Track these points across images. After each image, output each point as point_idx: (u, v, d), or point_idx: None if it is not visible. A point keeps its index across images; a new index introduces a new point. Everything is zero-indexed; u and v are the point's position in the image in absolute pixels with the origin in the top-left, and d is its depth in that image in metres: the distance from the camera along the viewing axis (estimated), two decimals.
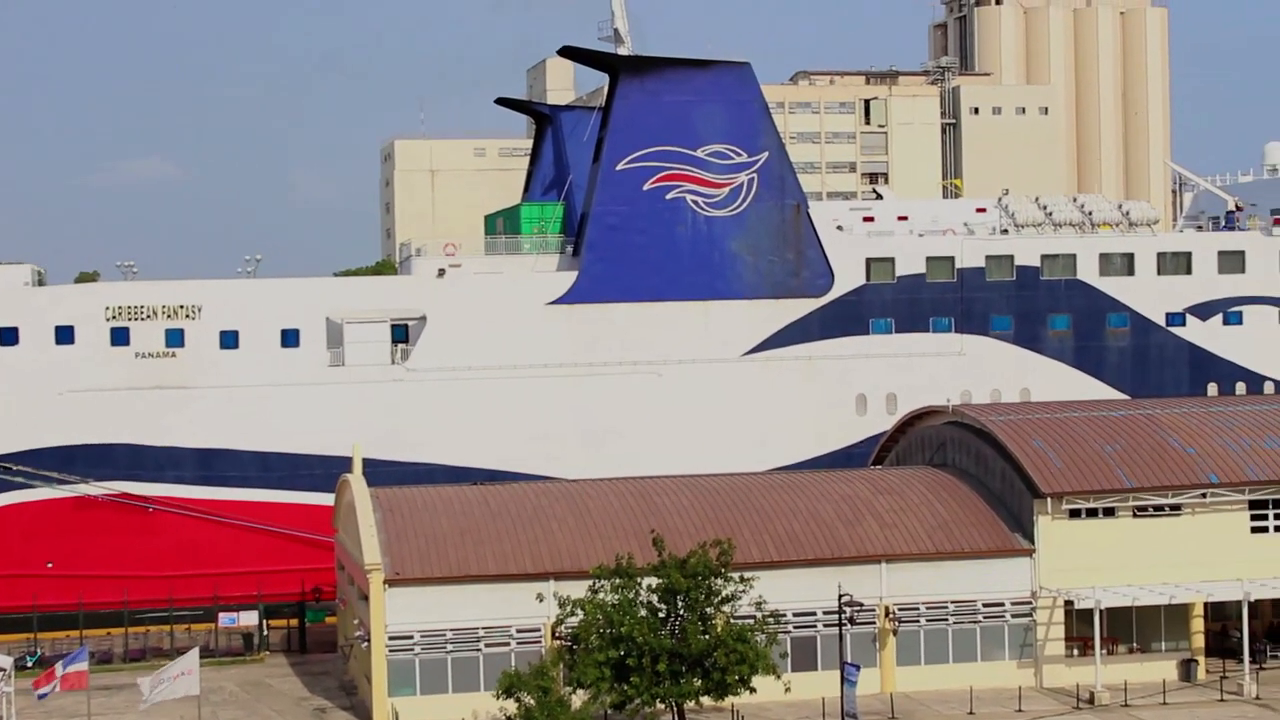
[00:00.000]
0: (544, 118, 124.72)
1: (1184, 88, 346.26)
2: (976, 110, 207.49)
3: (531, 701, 64.49)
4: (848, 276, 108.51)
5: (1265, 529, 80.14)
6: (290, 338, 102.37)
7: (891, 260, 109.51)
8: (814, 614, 75.80)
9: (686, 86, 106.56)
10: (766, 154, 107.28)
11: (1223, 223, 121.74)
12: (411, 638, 73.66)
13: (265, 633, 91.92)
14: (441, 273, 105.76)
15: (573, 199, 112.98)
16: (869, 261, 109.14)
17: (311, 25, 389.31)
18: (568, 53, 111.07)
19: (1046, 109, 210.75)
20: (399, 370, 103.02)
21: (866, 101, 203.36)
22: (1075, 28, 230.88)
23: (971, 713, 72.92)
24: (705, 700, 67.99)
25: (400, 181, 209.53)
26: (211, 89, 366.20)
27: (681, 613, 67.58)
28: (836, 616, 72.05)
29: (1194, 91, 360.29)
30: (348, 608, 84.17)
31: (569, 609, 68.29)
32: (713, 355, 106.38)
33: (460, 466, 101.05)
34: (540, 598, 72.27)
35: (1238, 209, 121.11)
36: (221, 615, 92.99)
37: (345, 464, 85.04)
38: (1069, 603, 77.56)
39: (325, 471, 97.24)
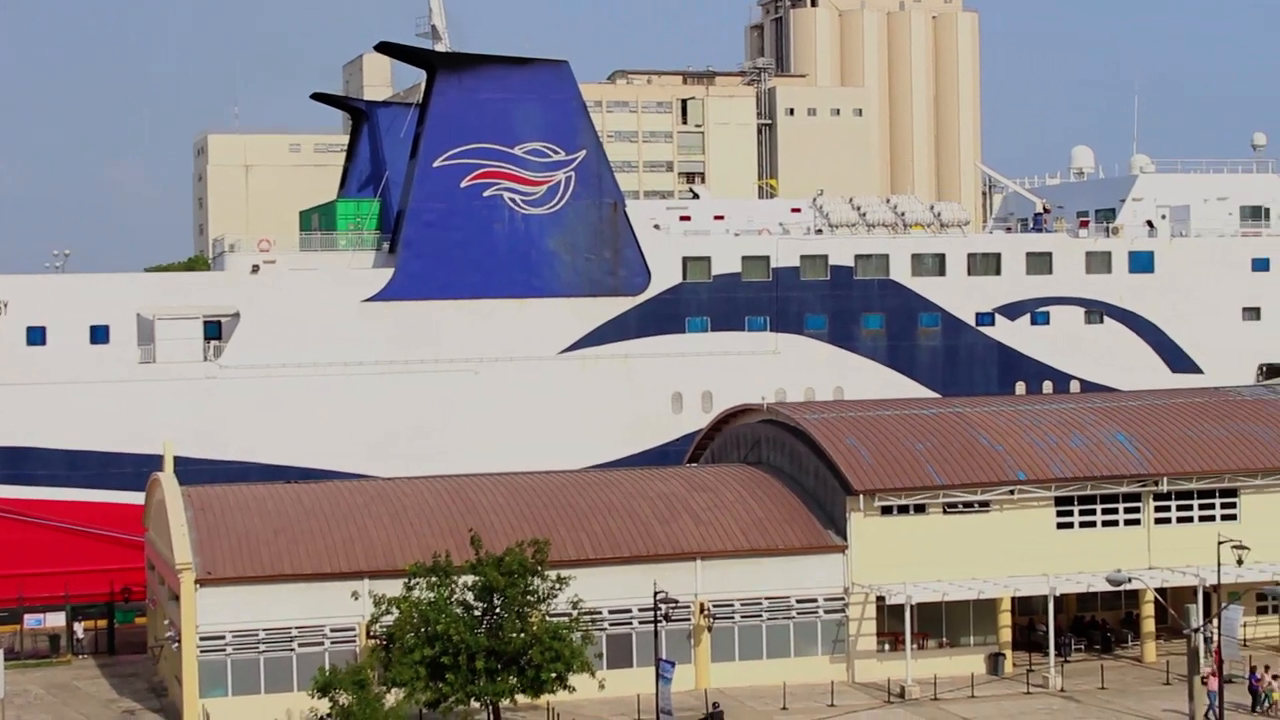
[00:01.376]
0: (360, 114, 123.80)
1: (994, 91, 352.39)
2: (792, 111, 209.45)
3: (346, 700, 64.04)
4: (664, 275, 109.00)
5: (1070, 525, 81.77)
6: (100, 334, 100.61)
7: (708, 259, 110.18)
8: (630, 611, 76.03)
9: (504, 84, 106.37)
10: (584, 152, 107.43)
11: (1031, 224, 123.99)
12: (223, 638, 72.75)
13: (79, 635, 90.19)
14: (255, 269, 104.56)
15: (389, 196, 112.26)
16: (685, 260, 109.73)
17: (124, 16, 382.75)
18: (385, 49, 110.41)
19: (860, 111, 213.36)
20: (211, 367, 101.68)
21: (684, 101, 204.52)
22: (888, 31, 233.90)
23: (785, 708, 73.59)
24: (521, 698, 67.93)
25: (213, 176, 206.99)
26: (21, 79, 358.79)
27: (498, 611, 67.49)
28: (652, 614, 72.32)
29: (1004, 95, 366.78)
30: (158, 608, 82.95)
31: (384, 607, 67.90)
32: (529, 353, 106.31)
33: (275, 465, 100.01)
34: (355, 596, 71.78)
35: (1045, 211, 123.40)
36: (27, 617, 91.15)
37: (156, 462, 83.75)
38: (880, 598, 78.54)
39: (136, 470, 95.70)
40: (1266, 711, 71.41)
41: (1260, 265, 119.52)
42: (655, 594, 71.71)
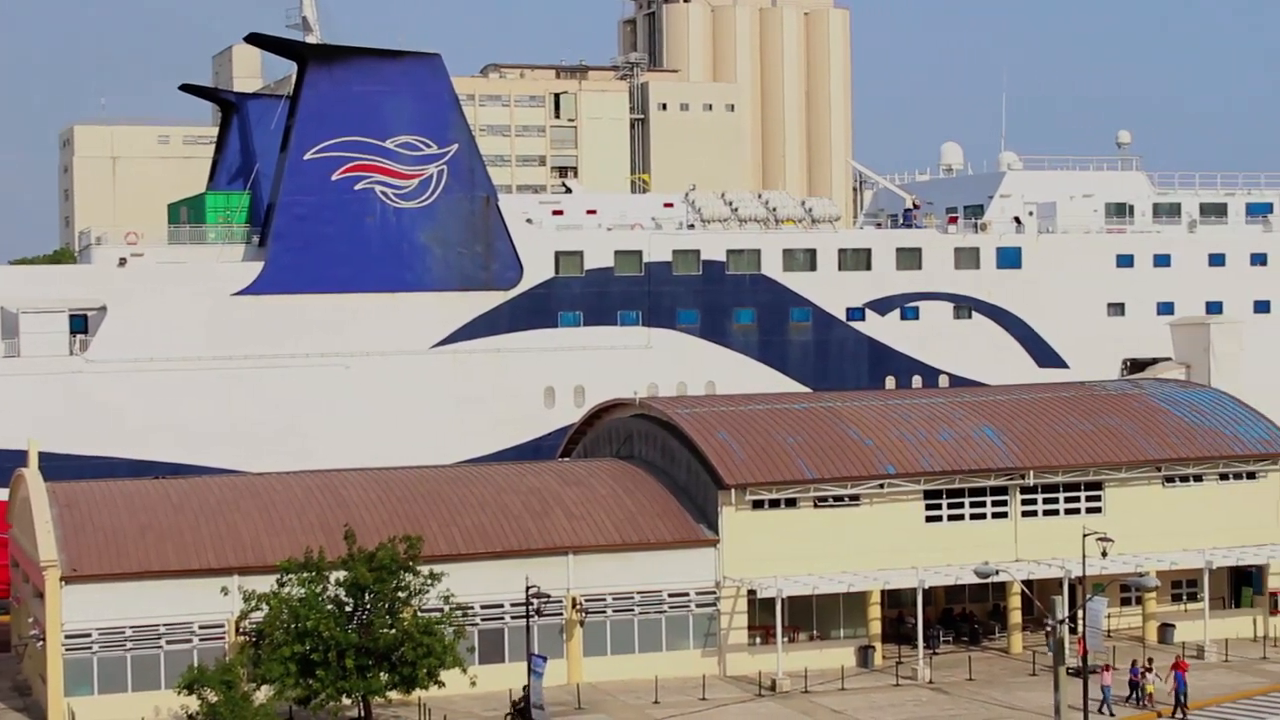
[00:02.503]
0: (230, 105, 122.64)
1: (865, 88, 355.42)
2: (665, 106, 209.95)
3: (215, 698, 63.46)
4: (536, 269, 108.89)
5: (939, 518, 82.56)
6: None
7: (580, 254, 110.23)
8: (502, 606, 75.89)
9: (376, 77, 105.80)
10: (456, 146, 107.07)
11: (901, 220, 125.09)
12: (89, 636, 71.79)
13: None
14: (123, 262, 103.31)
15: (259, 188, 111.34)
16: (558, 255, 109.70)
17: None
18: (254, 40, 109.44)
19: (733, 106, 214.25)
20: (78, 361, 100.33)
21: (556, 96, 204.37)
22: (761, 27, 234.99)
23: (656, 702, 73.75)
24: (393, 694, 67.66)
25: (80, 168, 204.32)
26: None
27: (369, 607, 67.16)
28: (524, 608, 72.26)
29: (874, 92, 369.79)
30: (22, 606, 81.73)
31: (253, 604, 67.36)
32: (401, 348, 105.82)
33: (143, 460, 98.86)
34: (224, 593, 71.12)
35: (915, 207, 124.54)
36: None
37: (21, 458, 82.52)
38: (752, 592, 78.90)
39: None
40: (1141, 704, 72.37)
41: (1124, 262, 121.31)
42: (527, 589, 71.66)
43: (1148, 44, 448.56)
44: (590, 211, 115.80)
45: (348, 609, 66.99)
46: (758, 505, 79.97)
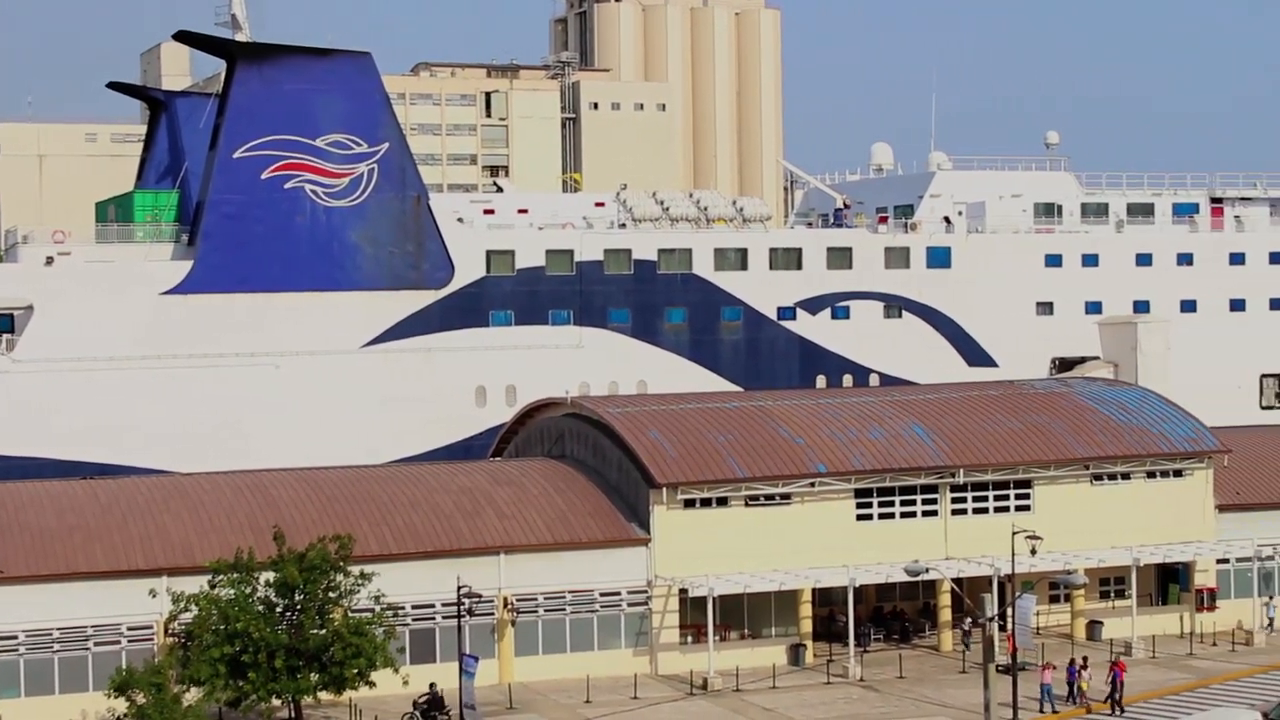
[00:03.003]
0: (159, 103, 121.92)
1: (796, 88, 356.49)
2: (596, 105, 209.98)
3: (143, 700, 63.03)
4: (468, 269, 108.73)
5: (870, 517, 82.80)
6: None
7: (511, 253, 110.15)
8: (433, 606, 75.65)
9: (306, 75, 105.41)
10: (387, 145, 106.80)
11: (831, 220, 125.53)
12: (16, 638, 71.13)
13: None
14: (50, 261, 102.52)
15: (188, 187, 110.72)
16: (489, 254, 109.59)
17: None
18: (183, 38, 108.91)
19: (664, 106, 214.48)
20: (4, 362, 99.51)
21: (488, 94, 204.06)
22: (692, 26, 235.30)
23: (588, 701, 73.72)
24: (323, 695, 67.37)
25: (5, 167, 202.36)
26: None
27: (299, 607, 66.85)
28: (455, 608, 72.08)
29: (805, 92, 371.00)
30: None
31: (182, 605, 66.95)
32: (332, 347, 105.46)
33: (71, 461, 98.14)
34: (153, 594, 70.59)
35: (846, 207, 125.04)
36: None
37: None
38: (683, 591, 78.93)
39: None
40: (1077, 700, 72.70)
41: (1053, 261, 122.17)
42: (459, 588, 71.49)
43: (1075, 45, 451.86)
44: (521, 211, 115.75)
45: (278, 609, 66.65)
46: (689, 504, 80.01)
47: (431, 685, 69.53)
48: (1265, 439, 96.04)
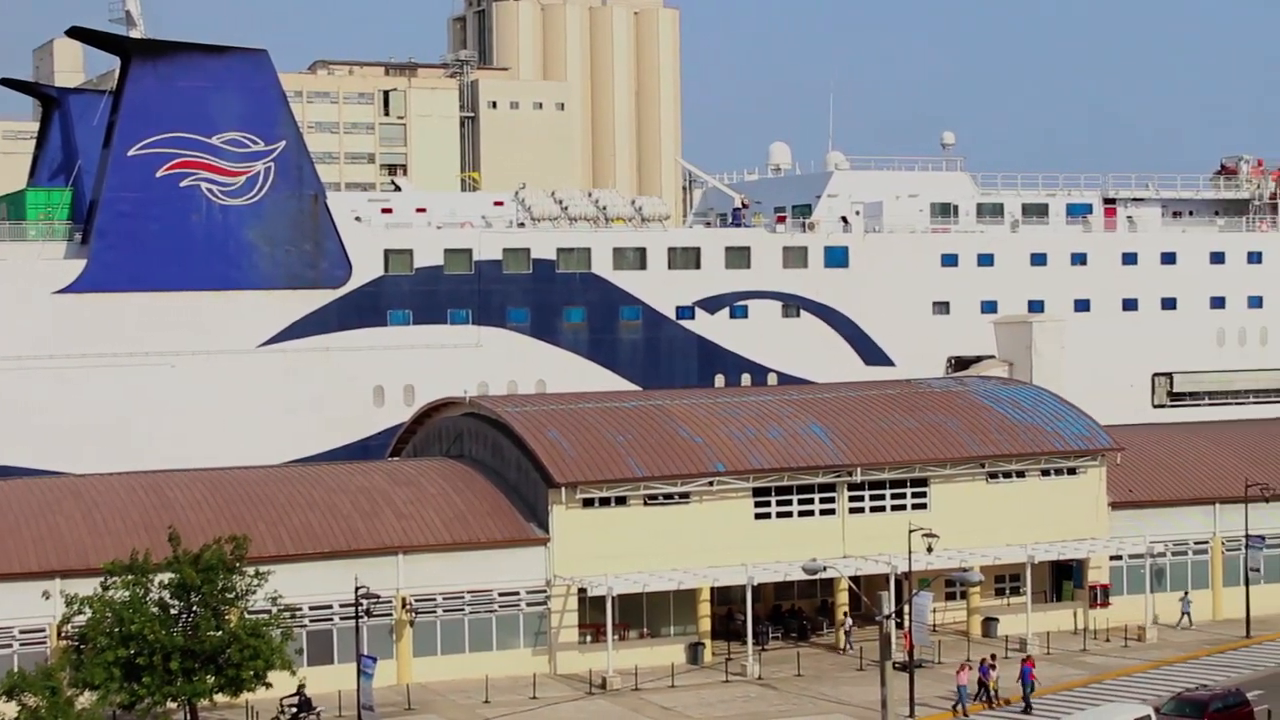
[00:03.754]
0: (51, 100, 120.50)
1: (694, 88, 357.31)
2: (495, 104, 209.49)
3: (35, 703, 62.23)
4: (365, 268, 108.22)
5: (768, 515, 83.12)
6: None
7: (409, 252, 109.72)
8: (330, 607, 75.27)
9: (201, 72, 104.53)
10: (284, 143, 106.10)
11: (730, 220, 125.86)
12: None
13: None
14: None
15: (82, 185, 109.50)
16: (387, 253, 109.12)
17: None
18: (76, 34, 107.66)
19: (563, 105, 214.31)
20: None
21: (386, 93, 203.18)
22: (591, 26, 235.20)
23: (487, 701, 73.58)
24: (219, 697, 66.83)
25: None
26: None
27: (194, 609, 66.27)
28: (353, 609, 71.70)
29: (704, 92, 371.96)
30: None
31: (76, 607, 66.18)
32: (228, 347, 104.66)
33: None
34: (46, 596, 69.83)
35: (744, 206, 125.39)
36: None
37: None
38: (582, 590, 78.96)
39: None
40: (988, 701, 72.97)
41: (949, 261, 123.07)
42: (356, 589, 71.13)
43: (972, 47, 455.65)
44: (420, 210, 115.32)
45: (173, 611, 66.05)
46: (588, 503, 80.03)
47: (299, 686, 69.00)
48: (1157, 437, 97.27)
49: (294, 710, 68.89)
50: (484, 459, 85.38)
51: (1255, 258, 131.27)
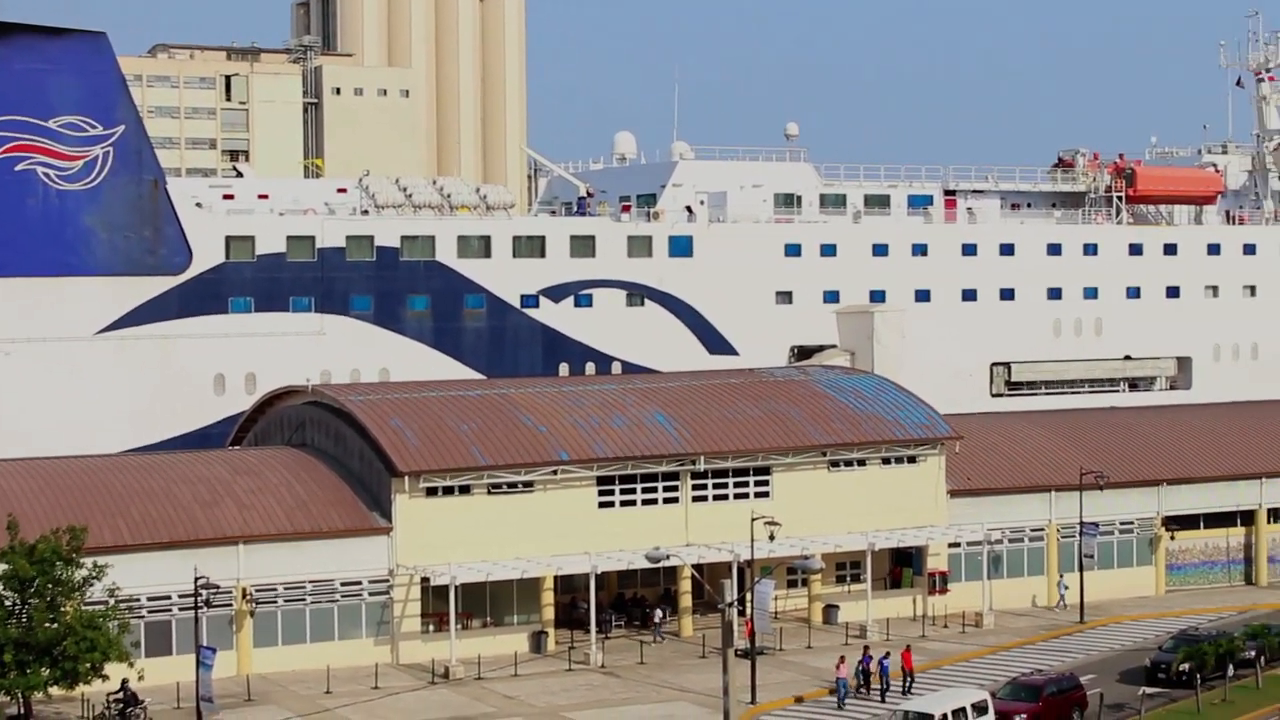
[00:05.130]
0: None
1: (540, 76, 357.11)
2: (338, 90, 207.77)
3: None
4: (206, 254, 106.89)
5: (612, 504, 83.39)
6: None
7: (251, 239, 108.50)
8: (169, 598, 74.46)
9: (38, 54, 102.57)
10: (123, 127, 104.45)
11: (575, 208, 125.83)
12: None
13: None
14: None
15: None
16: (228, 240, 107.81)
17: None
18: None
19: (407, 92, 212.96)
20: None
21: (227, 78, 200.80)
22: (436, 12, 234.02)
23: (329, 692, 73.15)
24: (55, 690, 65.85)
25: None
26: None
27: (30, 601, 65.23)
28: (192, 600, 70.95)
29: (550, 80, 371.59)
30: None
31: None
32: (65, 334, 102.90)
33: None
34: None
35: (589, 195, 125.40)
36: None
37: None
38: (425, 579, 78.74)
39: None
40: (870, 693, 73.01)
41: (792, 251, 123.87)
42: (196, 580, 70.40)
43: (815, 37, 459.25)
44: (262, 196, 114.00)
45: (7, 604, 64.98)
46: (431, 492, 79.80)
47: (124, 682, 68.07)
48: (995, 426, 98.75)
49: (120, 706, 67.97)
50: (327, 448, 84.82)
51: (1091, 249, 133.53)
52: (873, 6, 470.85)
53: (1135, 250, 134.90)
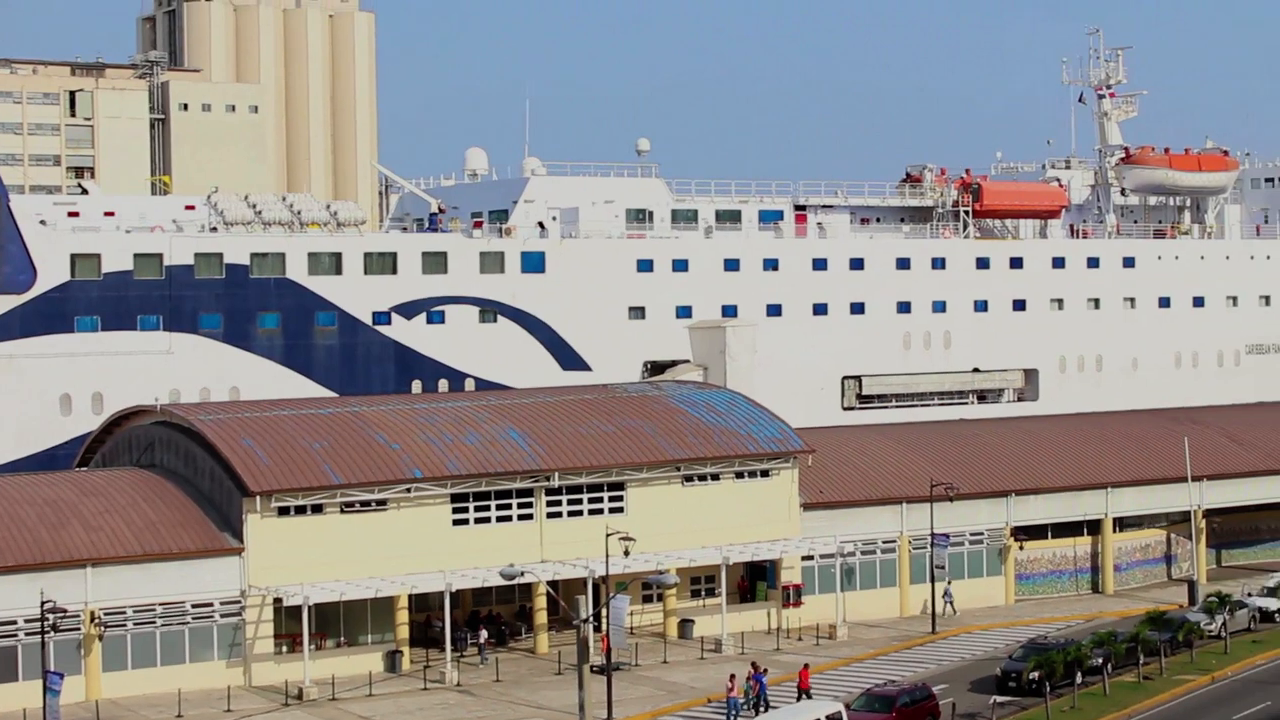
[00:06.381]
0: None
1: (391, 92, 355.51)
2: (186, 106, 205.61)
3: None
4: (51, 273, 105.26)
5: (466, 521, 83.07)
6: None
7: (98, 256, 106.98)
8: (15, 623, 73.13)
9: None
10: None
11: (427, 225, 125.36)
12: None
13: None
14: None
15: None
16: (74, 257, 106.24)
17: None
18: None
19: (257, 107, 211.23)
20: None
21: (72, 93, 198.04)
22: (285, 28, 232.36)
23: (180, 715, 72.23)
24: None
25: None
26: None
27: None
28: (39, 624, 69.75)
29: (401, 96, 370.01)
30: None
31: None
32: None
33: None
34: None
35: (441, 211, 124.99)
36: None
37: None
38: (278, 600, 77.98)
39: None
40: (758, 709, 72.67)
41: (644, 266, 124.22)
42: (43, 604, 69.21)
43: (666, 54, 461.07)
44: (108, 213, 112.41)
45: None
46: (284, 512, 79.06)
47: None
48: (847, 439, 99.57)
49: None
50: (176, 468, 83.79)
51: (939, 263, 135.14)
52: (723, 23, 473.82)
53: (982, 264, 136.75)
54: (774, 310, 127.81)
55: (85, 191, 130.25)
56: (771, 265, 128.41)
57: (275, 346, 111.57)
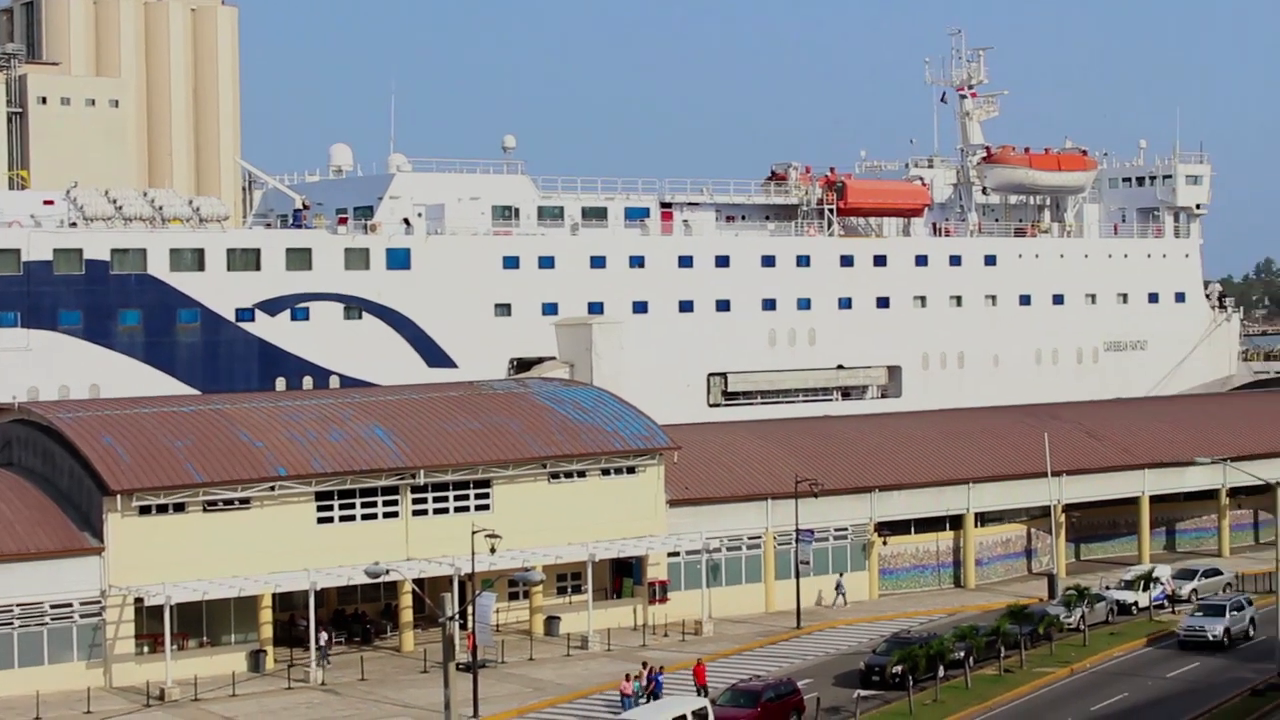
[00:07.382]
0: None
1: (255, 87, 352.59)
2: (44, 100, 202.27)
3: None
4: None
5: (330, 519, 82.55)
6: None
7: None
8: None
9: None
10: None
11: (291, 221, 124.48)
12: None
13: None
14: None
15: None
16: None
17: None
18: None
19: (117, 102, 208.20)
20: None
21: None
22: (146, 21, 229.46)
23: (38, 718, 71.23)
24: None
25: None
26: None
27: None
28: None
29: (265, 92, 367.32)
30: None
31: None
32: None
33: None
34: None
35: (305, 208, 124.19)
36: None
37: None
38: (139, 600, 77.09)
39: None
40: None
41: (511, 263, 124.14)
42: None
43: (533, 50, 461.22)
44: None
45: None
46: (145, 511, 78.16)
47: None
48: (712, 436, 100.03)
49: None
50: (34, 467, 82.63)
51: (804, 261, 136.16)
52: (590, 21, 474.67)
53: (846, 261, 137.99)
54: (640, 307, 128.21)
55: None
56: (637, 263, 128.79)
57: (137, 344, 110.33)
